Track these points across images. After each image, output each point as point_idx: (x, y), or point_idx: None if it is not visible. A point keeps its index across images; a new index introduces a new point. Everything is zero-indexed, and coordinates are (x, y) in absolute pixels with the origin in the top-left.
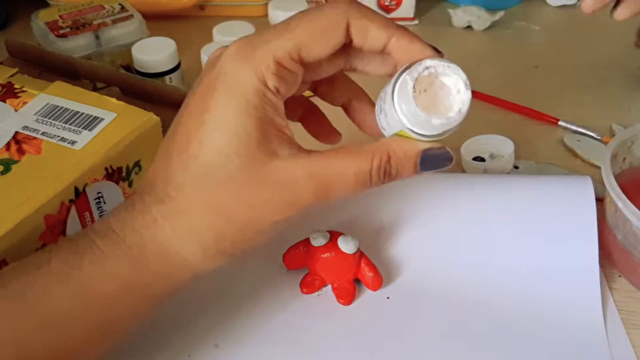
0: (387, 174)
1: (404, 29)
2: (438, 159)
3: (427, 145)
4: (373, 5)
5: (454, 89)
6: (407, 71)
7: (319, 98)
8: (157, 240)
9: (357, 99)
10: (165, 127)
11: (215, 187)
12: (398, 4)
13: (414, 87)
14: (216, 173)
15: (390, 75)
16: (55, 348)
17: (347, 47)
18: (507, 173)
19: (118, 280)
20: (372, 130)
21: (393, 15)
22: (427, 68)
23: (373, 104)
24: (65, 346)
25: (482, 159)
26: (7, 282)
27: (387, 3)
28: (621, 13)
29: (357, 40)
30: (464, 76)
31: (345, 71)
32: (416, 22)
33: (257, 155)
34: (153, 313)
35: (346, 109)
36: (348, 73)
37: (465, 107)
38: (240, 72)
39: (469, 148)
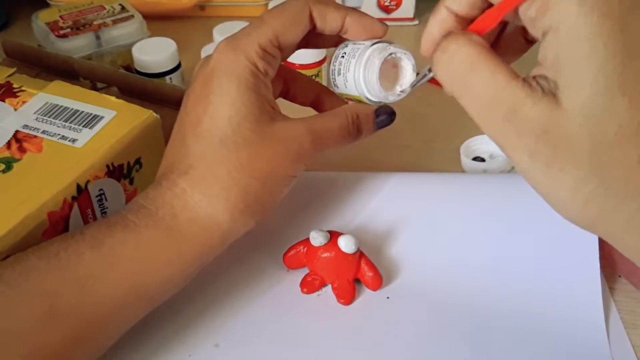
0: (357, 128)
1: (353, 8)
2: (387, 114)
3: (377, 107)
4: (373, 6)
5: (407, 72)
6: (373, 50)
7: (289, 101)
8: (188, 207)
9: (324, 93)
10: (165, 125)
11: (235, 150)
12: (398, 4)
13: (379, 65)
14: (232, 138)
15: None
16: (88, 307)
17: (284, 74)
18: (508, 172)
19: (150, 247)
20: None
21: (393, 15)
22: (391, 54)
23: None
24: (98, 307)
25: (482, 159)
26: (43, 247)
27: (386, 3)
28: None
29: (319, 24)
30: (413, 62)
31: (280, 94)
32: (416, 22)
33: (262, 119)
34: (186, 280)
35: (316, 105)
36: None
37: (410, 86)
38: (233, 59)
39: (469, 148)
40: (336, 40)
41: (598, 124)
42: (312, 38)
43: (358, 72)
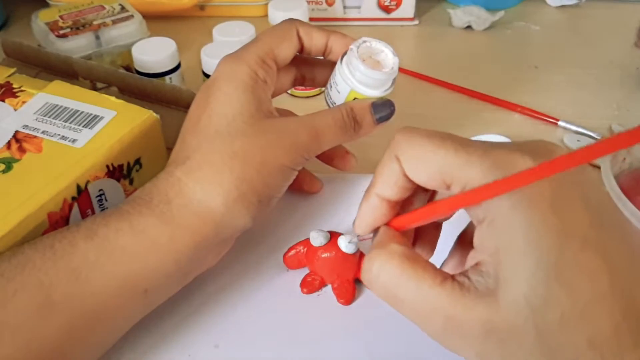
0: (355, 120)
1: (335, 31)
2: (385, 106)
3: (373, 99)
4: (373, 6)
5: (387, 54)
6: (350, 47)
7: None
8: (182, 194)
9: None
10: (165, 125)
11: (229, 140)
12: (398, 4)
13: (357, 53)
14: (227, 130)
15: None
16: (82, 297)
17: (296, 61)
18: None
19: (143, 233)
20: None
21: (393, 15)
22: (365, 41)
23: None
24: (92, 297)
25: None
26: (39, 240)
27: (387, 3)
28: None
29: (306, 42)
30: (391, 47)
31: (296, 82)
32: (416, 22)
33: (258, 115)
34: (181, 276)
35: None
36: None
37: (396, 67)
38: (235, 67)
39: None
40: (325, 79)
41: (541, 313)
42: (306, 71)
43: (343, 70)
